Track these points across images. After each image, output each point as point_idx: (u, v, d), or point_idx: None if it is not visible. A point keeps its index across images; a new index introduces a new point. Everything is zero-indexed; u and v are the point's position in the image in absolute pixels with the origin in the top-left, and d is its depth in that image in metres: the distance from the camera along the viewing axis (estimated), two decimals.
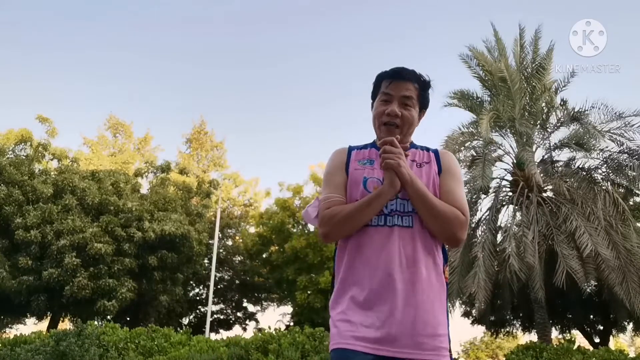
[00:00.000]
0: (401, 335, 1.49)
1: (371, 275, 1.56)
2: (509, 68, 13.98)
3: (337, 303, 1.62)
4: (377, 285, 1.54)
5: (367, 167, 1.73)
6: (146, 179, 21.25)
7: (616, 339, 25.39)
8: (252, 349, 8.83)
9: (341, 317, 1.57)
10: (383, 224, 1.62)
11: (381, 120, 1.73)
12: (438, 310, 1.59)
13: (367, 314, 1.53)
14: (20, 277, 14.43)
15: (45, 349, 8.33)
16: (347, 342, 1.51)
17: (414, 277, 1.56)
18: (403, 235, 1.60)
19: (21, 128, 17.45)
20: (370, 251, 1.60)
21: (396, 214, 1.63)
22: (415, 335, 1.50)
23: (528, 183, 13.65)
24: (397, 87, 1.72)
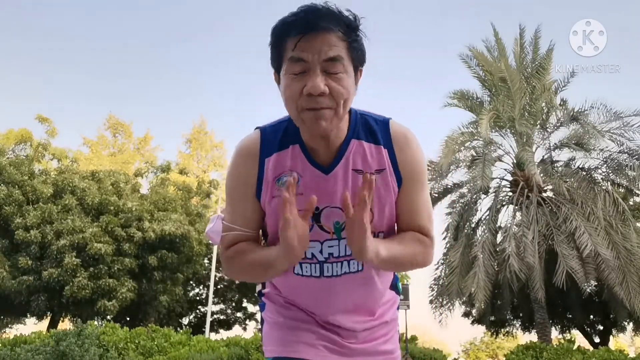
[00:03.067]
0: None
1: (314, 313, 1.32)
2: (509, 68, 13.99)
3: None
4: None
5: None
6: (146, 179, 21.25)
7: (616, 339, 25.39)
8: (252, 349, 8.83)
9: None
10: (318, 275, 1.24)
11: (299, 104, 1.10)
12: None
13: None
14: (20, 277, 14.41)
15: (45, 349, 8.33)
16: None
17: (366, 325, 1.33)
18: (348, 284, 1.27)
19: (21, 128, 17.47)
20: (308, 300, 1.31)
21: (338, 260, 1.23)
22: None
23: (528, 183, 13.65)
24: (312, 46, 1.08)
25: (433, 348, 13.55)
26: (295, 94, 1.10)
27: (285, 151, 1.21)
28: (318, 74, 1.08)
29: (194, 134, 28.51)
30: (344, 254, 1.22)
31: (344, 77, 1.11)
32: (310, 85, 1.07)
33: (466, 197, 14.76)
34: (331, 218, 1.20)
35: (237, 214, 1.26)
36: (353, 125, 1.22)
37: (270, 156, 1.21)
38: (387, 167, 1.21)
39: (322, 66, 1.09)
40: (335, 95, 1.09)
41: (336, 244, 1.21)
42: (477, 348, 38.66)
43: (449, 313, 15.16)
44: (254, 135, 1.25)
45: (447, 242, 14.95)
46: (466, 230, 14.19)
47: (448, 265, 14.26)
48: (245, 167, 1.24)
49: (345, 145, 1.20)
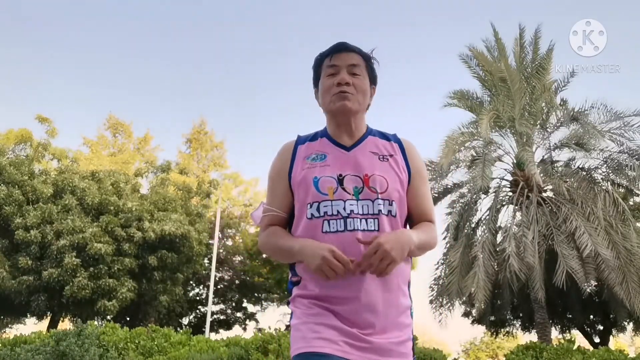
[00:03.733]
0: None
1: (338, 289, 1.44)
2: (509, 68, 13.98)
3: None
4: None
5: (318, 165, 1.53)
6: (146, 179, 21.25)
7: (616, 339, 25.38)
8: (252, 349, 8.83)
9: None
10: (343, 230, 1.44)
11: (332, 91, 1.55)
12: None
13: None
14: (20, 277, 14.42)
15: (45, 349, 8.33)
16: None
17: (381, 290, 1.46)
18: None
19: (21, 128, 17.47)
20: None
21: (357, 216, 1.45)
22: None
23: (528, 183, 13.65)
24: (342, 58, 1.57)
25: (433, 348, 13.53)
26: (330, 85, 1.57)
27: (315, 141, 1.61)
28: (345, 72, 1.56)
29: (194, 134, 28.49)
30: (362, 212, 1.45)
31: (362, 79, 1.58)
32: (339, 77, 1.55)
33: (466, 197, 14.76)
34: (352, 183, 1.49)
35: (273, 193, 1.59)
36: (370, 130, 1.64)
37: (303, 144, 1.61)
38: (397, 155, 1.58)
39: (348, 69, 1.56)
40: (356, 87, 1.56)
41: (355, 204, 1.46)
42: (477, 348, 38.66)
43: (449, 313, 15.16)
44: (292, 139, 1.67)
45: (447, 242, 14.94)
46: (466, 230, 14.19)
47: (448, 265, 14.26)
48: (283, 155, 1.62)
49: (364, 137, 1.61)
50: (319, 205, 1.46)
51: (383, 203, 1.47)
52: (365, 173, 1.49)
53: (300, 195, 1.51)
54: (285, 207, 1.57)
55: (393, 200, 1.49)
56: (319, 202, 1.46)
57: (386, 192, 1.48)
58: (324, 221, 1.45)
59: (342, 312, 1.41)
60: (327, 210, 1.45)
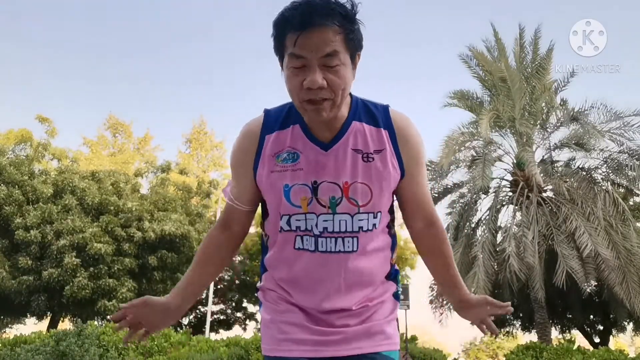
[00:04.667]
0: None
1: (306, 301, 1.31)
2: (509, 68, 13.99)
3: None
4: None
5: (289, 168, 1.24)
6: (146, 179, 21.25)
7: (616, 339, 25.37)
8: (252, 349, 8.83)
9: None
10: (313, 250, 1.25)
11: (300, 96, 1.17)
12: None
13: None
14: (20, 277, 14.41)
15: (45, 349, 8.32)
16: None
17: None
18: (342, 262, 1.26)
19: (21, 128, 17.47)
20: (303, 280, 1.30)
21: (332, 235, 1.24)
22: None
23: (528, 183, 13.65)
24: (310, 44, 1.11)
25: (433, 348, 13.55)
26: (296, 87, 1.16)
27: (286, 130, 1.27)
28: (316, 70, 1.14)
29: (193, 134, 28.51)
30: (337, 230, 1.23)
31: (341, 68, 1.16)
32: (308, 80, 1.13)
33: (466, 197, 14.76)
34: (328, 193, 1.23)
35: (236, 187, 1.35)
36: (354, 109, 1.28)
37: (272, 133, 1.27)
38: (387, 147, 1.25)
39: (320, 61, 1.14)
40: (333, 88, 1.15)
41: (330, 219, 1.23)
42: (477, 348, 38.65)
43: (449, 313, 15.16)
44: (258, 116, 1.33)
45: None
46: (466, 230, 14.19)
47: None
48: (245, 144, 1.30)
49: (346, 127, 1.25)
50: (289, 218, 1.26)
51: (366, 217, 1.24)
52: (344, 180, 1.22)
53: (270, 200, 1.29)
54: (246, 201, 1.35)
55: (378, 212, 1.27)
56: (290, 215, 1.25)
57: (369, 203, 1.23)
58: (296, 237, 1.27)
59: (307, 305, 1.30)
60: (300, 225, 1.25)
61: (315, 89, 1.14)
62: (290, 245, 1.28)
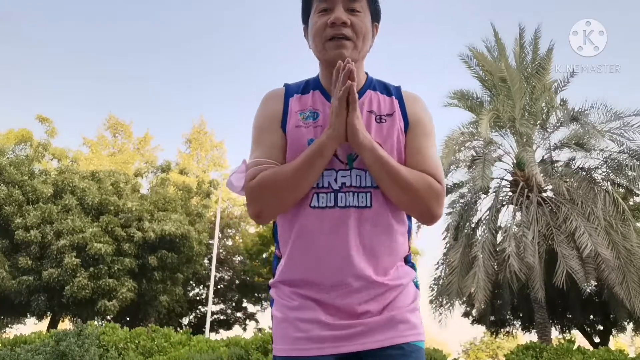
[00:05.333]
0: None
1: (323, 274, 1.25)
2: (509, 68, 13.99)
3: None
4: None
5: (312, 124, 1.30)
6: (146, 179, 21.26)
7: (616, 339, 25.37)
8: (252, 349, 8.82)
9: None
10: (333, 205, 1.24)
11: (324, 35, 1.28)
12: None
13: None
14: (20, 277, 14.42)
15: (45, 349, 8.33)
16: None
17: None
18: (360, 219, 1.24)
19: (21, 128, 17.49)
20: (320, 241, 1.24)
21: (350, 190, 1.25)
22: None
23: (528, 183, 13.65)
24: None
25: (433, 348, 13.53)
26: (322, 26, 1.28)
27: (306, 95, 1.36)
28: (341, 9, 1.27)
29: (193, 134, 28.51)
30: (355, 185, 1.26)
31: (363, 16, 1.30)
32: (334, 16, 1.26)
33: (466, 197, 14.76)
34: (345, 150, 1.27)
35: (263, 145, 1.32)
36: (369, 81, 1.39)
37: (293, 97, 1.36)
38: (396, 112, 1.33)
39: (345, 4, 1.28)
40: (355, 28, 1.28)
41: (348, 174, 1.26)
42: (477, 348, 38.66)
43: (449, 313, 15.16)
44: (279, 87, 1.42)
45: (447, 242, 14.95)
46: (466, 230, 14.19)
47: (448, 265, 14.26)
48: (272, 102, 1.37)
49: (362, 93, 1.35)
50: None
51: None
52: None
53: (291, 156, 1.27)
54: (278, 155, 1.30)
55: None
56: None
57: None
58: (313, 194, 1.25)
59: (326, 300, 1.24)
60: (318, 181, 1.25)
61: (339, 24, 1.26)
62: (306, 203, 1.25)
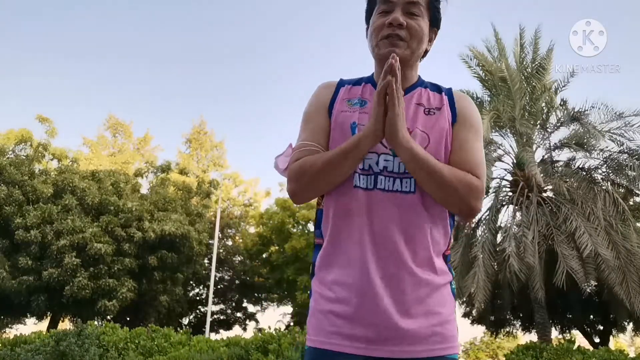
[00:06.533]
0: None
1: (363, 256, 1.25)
2: (509, 68, 13.98)
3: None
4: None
5: (358, 110, 1.35)
6: (146, 179, 21.27)
7: (616, 339, 25.39)
8: (252, 349, 8.83)
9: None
10: (372, 187, 1.27)
11: (381, 34, 1.34)
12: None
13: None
14: (20, 277, 14.43)
15: (45, 349, 8.34)
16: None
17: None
18: (402, 204, 1.25)
19: (21, 128, 17.48)
20: (359, 222, 1.26)
21: (391, 175, 1.27)
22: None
23: (528, 183, 13.65)
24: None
25: None
26: (380, 25, 1.34)
27: (358, 86, 1.43)
28: (400, 12, 1.33)
29: (193, 134, 28.49)
30: (397, 171, 1.28)
31: (420, 20, 1.35)
32: (392, 17, 1.32)
33: None
34: None
35: (309, 129, 1.38)
36: (421, 81, 1.44)
37: (345, 87, 1.43)
38: (444, 105, 1.37)
39: (404, 7, 1.33)
40: (411, 31, 1.33)
41: (391, 159, 1.29)
42: (477, 348, 38.67)
43: None
44: (334, 80, 1.49)
45: None
46: (466, 230, 14.18)
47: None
48: (324, 90, 1.44)
49: (412, 88, 1.40)
50: None
51: None
52: (407, 126, 1.27)
53: (336, 136, 1.33)
54: (324, 139, 1.35)
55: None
56: None
57: (426, 149, 1.26)
58: (355, 174, 1.28)
59: (364, 291, 1.22)
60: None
61: (396, 25, 1.31)
62: (350, 182, 1.28)
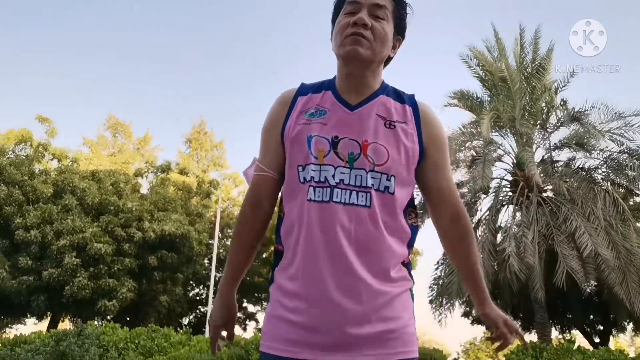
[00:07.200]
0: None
1: (317, 269, 1.24)
2: (509, 68, 13.99)
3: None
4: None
5: (315, 121, 1.32)
6: (146, 179, 21.26)
7: (616, 339, 25.38)
8: (252, 349, 8.83)
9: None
10: (328, 200, 1.24)
11: (345, 32, 1.32)
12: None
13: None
14: (20, 277, 14.42)
15: (45, 349, 8.33)
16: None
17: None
18: (357, 217, 1.23)
19: (21, 128, 17.47)
20: (315, 236, 1.24)
21: (347, 187, 1.25)
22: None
23: (528, 183, 13.65)
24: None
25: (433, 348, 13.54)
26: (344, 24, 1.33)
27: (317, 94, 1.38)
28: (365, 12, 1.32)
29: (193, 134, 28.47)
30: (353, 183, 1.26)
31: (385, 24, 1.34)
32: (357, 17, 1.31)
33: (466, 197, 14.76)
34: (347, 148, 1.28)
35: (265, 152, 1.39)
36: (384, 87, 1.40)
37: (304, 96, 1.39)
38: (408, 121, 1.34)
39: (370, 9, 1.32)
40: (375, 33, 1.31)
41: (347, 172, 1.26)
42: (477, 348, 38.63)
43: (448, 313, 15.15)
44: (295, 87, 1.45)
45: None
46: None
47: (448, 265, 14.26)
48: (278, 107, 1.41)
49: (374, 96, 1.36)
50: (305, 168, 1.28)
51: (379, 176, 1.26)
52: (365, 139, 1.28)
53: (292, 153, 1.31)
54: (276, 166, 1.36)
55: (392, 175, 1.27)
56: (305, 165, 1.28)
57: (385, 164, 1.26)
58: (309, 187, 1.26)
59: (319, 301, 1.22)
60: (314, 175, 1.26)
61: (360, 24, 1.30)
62: (305, 196, 1.26)
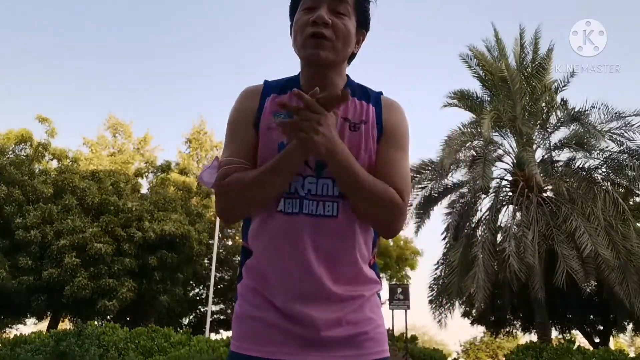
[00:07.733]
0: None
1: (284, 280, 1.21)
2: (510, 68, 14.00)
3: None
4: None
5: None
6: (146, 179, 21.28)
7: (616, 339, 25.39)
8: None
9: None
10: (298, 212, 1.20)
11: (305, 32, 1.24)
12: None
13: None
14: (20, 277, 14.43)
15: (45, 349, 8.34)
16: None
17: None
18: (323, 228, 1.20)
19: (21, 128, 17.47)
20: (283, 247, 1.20)
21: (314, 198, 1.21)
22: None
23: (528, 183, 13.65)
24: None
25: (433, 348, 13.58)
26: (304, 23, 1.24)
27: (283, 95, 1.31)
28: (325, 9, 1.24)
29: (193, 134, 28.46)
30: (320, 193, 1.21)
31: (347, 20, 1.26)
32: (316, 14, 1.23)
33: (466, 197, 14.78)
34: (315, 156, 1.21)
35: (236, 144, 1.27)
36: (349, 84, 1.34)
37: (270, 96, 1.31)
38: (370, 120, 1.28)
39: (330, 4, 1.24)
40: (336, 30, 1.23)
41: (315, 182, 1.22)
42: (477, 348, 38.63)
43: (448, 313, 15.16)
44: (258, 84, 1.38)
45: (447, 242, 14.95)
46: (466, 230, 14.19)
47: (448, 265, 14.27)
48: (246, 102, 1.32)
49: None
50: None
51: None
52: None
53: (263, 156, 1.23)
54: (250, 156, 1.25)
55: None
56: None
57: None
58: (280, 199, 1.21)
59: (286, 307, 1.19)
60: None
61: (321, 23, 1.22)
62: (274, 207, 1.21)
